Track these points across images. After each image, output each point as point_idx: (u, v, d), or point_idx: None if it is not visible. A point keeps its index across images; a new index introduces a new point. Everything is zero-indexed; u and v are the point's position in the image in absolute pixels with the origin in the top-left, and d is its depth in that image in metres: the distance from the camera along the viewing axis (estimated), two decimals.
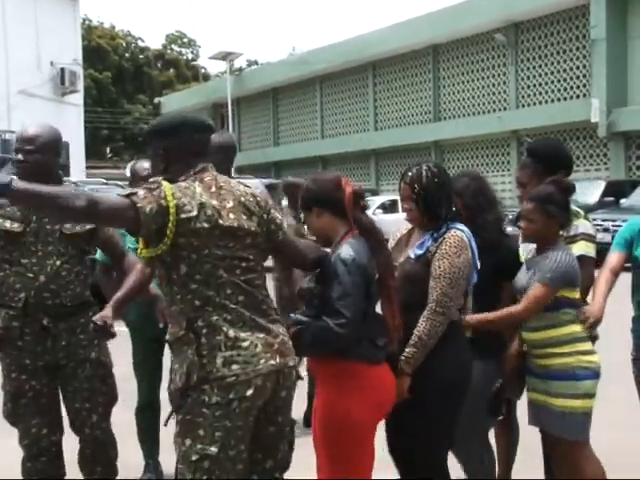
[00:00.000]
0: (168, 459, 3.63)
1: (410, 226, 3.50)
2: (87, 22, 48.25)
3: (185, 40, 58.85)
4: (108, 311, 3.46)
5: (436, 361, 3.18)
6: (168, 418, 2.75)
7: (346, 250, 2.96)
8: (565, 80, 23.28)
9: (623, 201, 15.10)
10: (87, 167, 29.14)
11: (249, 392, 2.64)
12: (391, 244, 3.43)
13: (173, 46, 58.69)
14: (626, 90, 21.28)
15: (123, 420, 4.13)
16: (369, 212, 3.37)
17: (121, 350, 4.16)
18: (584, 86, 22.57)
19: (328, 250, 3.09)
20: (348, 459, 3.01)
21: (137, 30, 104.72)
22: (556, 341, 3.53)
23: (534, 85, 24.22)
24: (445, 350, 3.22)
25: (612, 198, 15.49)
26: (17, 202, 2.75)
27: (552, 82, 23.63)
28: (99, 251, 3.88)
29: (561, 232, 3.65)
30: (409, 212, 3.39)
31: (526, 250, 3.75)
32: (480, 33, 25.20)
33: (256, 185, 3.53)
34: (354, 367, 2.98)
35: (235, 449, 2.66)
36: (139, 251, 2.73)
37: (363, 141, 29.69)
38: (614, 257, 3.84)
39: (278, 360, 2.71)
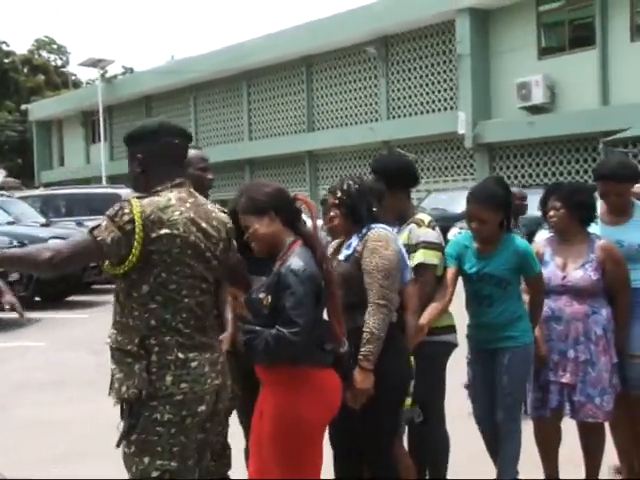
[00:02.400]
0: None
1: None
2: None
3: (55, 46, 57.08)
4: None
5: (378, 364, 3.29)
6: (120, 440, 2.78)
7: (296, 261, 3.04)
8: (433, 93, 24.03)
9: None
10: None
11: (201, 408, 2.76)
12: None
13: (42, 51, 56.79)
14: (490, 104, 22.18)
15: None
16: None
17: None
18: (451, 99, 23.37)
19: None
20: (300, 460, 3.09)
21: (1, 34, 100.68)
22: None
23: (404, 97, 24.89)
24: (386, 353, 3.33)
25: None
26: (6, 267, 2.97)
27: (421, 94, 24.35)
28: None
29: (404, 241, 3.84)
30: (333, 219, 3.56)
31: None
32: (352, 45, 25.65)
33: (128, 195, 3.46)
34: (304, 371, 3.08)
35: (191, 459, 2.78)
36: (104, 267, 2.79)
37: (238, 151, 29.65)
38: (449, 272, 4.03)
39: (220, 379, 2.85)
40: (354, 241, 3.49)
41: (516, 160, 21.95)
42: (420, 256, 3.85)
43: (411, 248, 3.84)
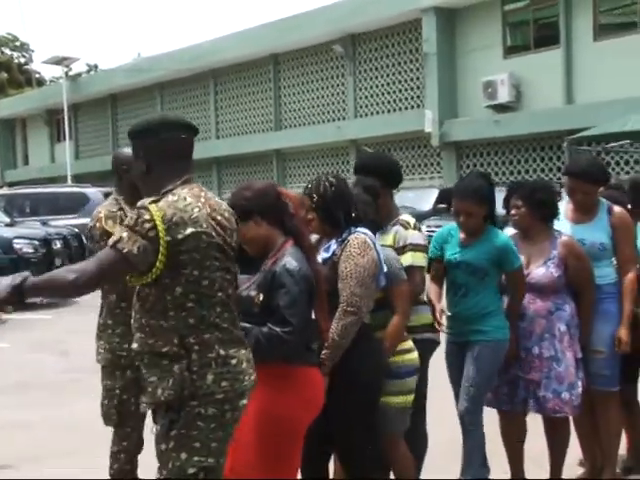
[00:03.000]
0: None
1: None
2: None
3: (17, 43, 56.36)
4: None
5: (351, 361, 3.29)
6: (166, 431, 2.71)
7: (291, 261, 3.05)
8: (400, 91, 24.12)
9: None
10: None
11: (242, 402, 2.76)
12: None
13: (4, 49, 56.06)
14: (456, 102, 22.32)
15: None
16: None
17: None
18: (418, 97, 23.47)
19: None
20: (281, 457, 3.11)
21: None
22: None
23: (371, 95, 24.95)
24: (358, 352, 3.33)
25: (445, 205, 16.16)
26: (33, 297, 2.75)
27: (388, 93, 24.43)
28: None
29: (390, 243, 3.88)
30: (310, 222, 3.52)
31: None
32: (319, 44, 25.66)
33: (95, 194, 3.45)
34: (291, 370, 3.10)
35: (224, 456, 2.76)
36: (130, 280, 2.71)
37: (205, 149, 29.49)
38: (435, 265, 4.18)
39: (254, 375, 2.82)
40: (333, 245, 3.47)
41: (482, 158, 22.11)
42: (409, 259, 3.89)
43: (398, 250, 3.88)
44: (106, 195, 17.41)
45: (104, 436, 5.48)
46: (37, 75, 54.20)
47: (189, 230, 2.62)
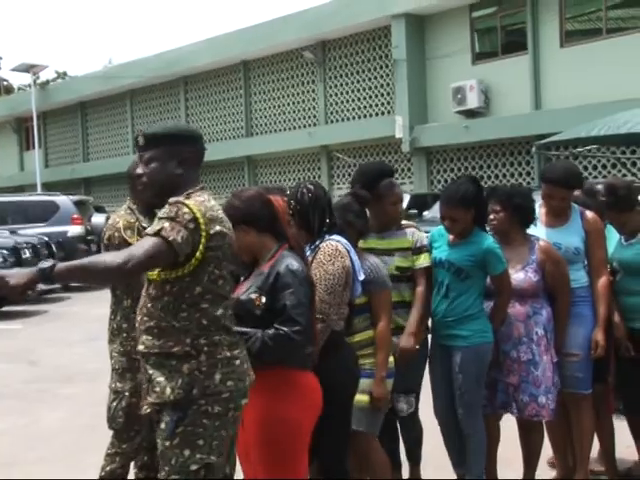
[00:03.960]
0: None
1: None
2: None
3: None
4: None
5: (324, 370, 3.30)
6: (173, 428, 2.74)
7: (292, 262, 3.08)
8: (371, 97, 24.21)
9: (426, 213, 15.89)
10: None
11: (244, 401, 2.85)
12: None
13: None
14: (426, 108, 22.45)
15: None
16: None
17: None
18: (388, 103, 23.57)
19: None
20: (289, 463, 3.11)
21: None
22: (360, 345, 3.75)
23: (342, 102, 25.01)
24: (329, 360, 3.35)
25: (415, 210, 16.24)
26: (63, 282, 2.80)
27: (359, 99, 24.50)
28: None
29: (409, 245, 4.10)
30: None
31: None
32: (290, 50, 25.70)
33: (65, 202, 3.42)
34: (291, 374, 3.13)
35: (224, 455, 2.81)
36: (154, 274, 2.75)
37: None
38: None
39: (253, 376, 2.92)
40: (306, 252, 3.48)
41: (452, 163, 22.25)
42: (427, 259, 4.16)
43: (415, 251, 4.15)
44: (76, 203, 17.33)
45: (73, 446, 5.47)
46: (5, 83, 53.68)
47: (217, 227, 2.75)
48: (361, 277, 3.57)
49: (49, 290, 14.00)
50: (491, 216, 4.25)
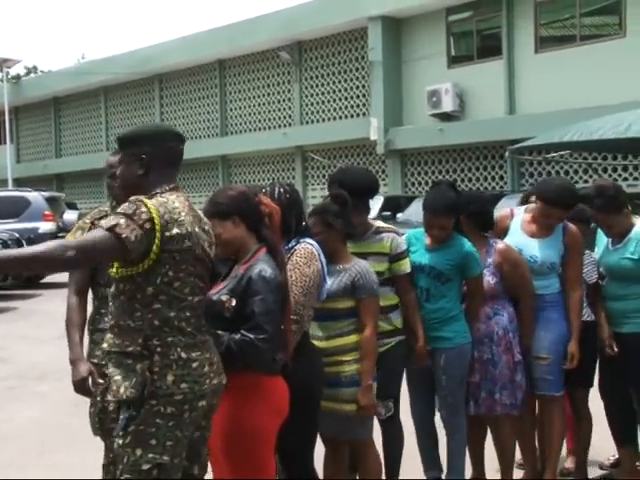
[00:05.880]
0: None
1: None
2: None
3: None
4: None
5: (292, 370, 3.30)
6: (125, 426, 2.75)
7: (266, 268, 3.06)
8: (346, 99, 24.25)
9: (399, 215, 15.97)
10: None
11: (201, 403, 2.81)
12: None
13: None
14: (401, 110, 22.54)
15: None
16: None
17: None
18: (363, 105, 23.63)
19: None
20: (255, 466, 3.10)
21: None
22: (342, 350, 3.76)
23: (317, 103, 25.04)
24: (297, 360, 3.33)
25: (389, 212, 16.31)
26: (6, 271, 2.67)
27: (334, 100, 24.54)
28: None
29: (385, 250, 4.03)
30: None
31: None
32: (266, 50, 25.68)
33: (36, 198, 3.37)
34: (257, 379, 3.12)
35: (179, 457, 2.78)
36: (113, 271, 2.75)
37: None
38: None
39: (217, 379, 2.89)
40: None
41: (427, 166, 22.36)
42: (408, 264, 4.12)
43: (395, 257, 4.07)
44: (47, 200, 17.18)
45: (42, 445, 5.41)
46: None
47: (175, 230, 2.72)
48: (327, 282, 3.59)
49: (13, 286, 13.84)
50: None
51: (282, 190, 3.57)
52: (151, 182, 2.84)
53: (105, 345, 2.87)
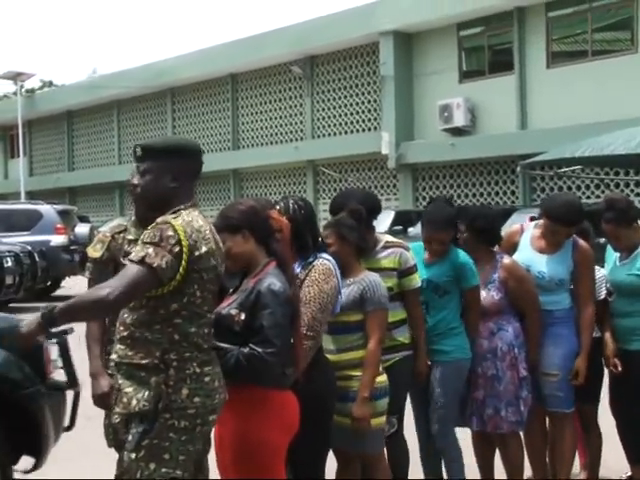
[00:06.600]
0: None
1: None
2: None
3: None
4: None
5: (304, 385, 3.28)
6: (139, 441, 2.75)
7: (275, 282, 3.04)
8: (358, 113, 24.32)
9: (411, 230, 15.94)
10: None
11: (212, 417, 2.83)
12: None
13: None
14: (413, 125, 22.57)
15: None
16: None
17: None
18: (375, 119, 23.68)
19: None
20: (264, 478, 3.08)
21: None
22: (352, 364, 3.76)
23: (329, 117, 25.11)
24: (312, 372, 3.34)
25: (400, 227, 16.29)
26: (62, 324, 2.78)
27: (346, 114, 24.60)
28: None
29: (394, 265, 4.01)
30: None
31: None
32: (278, 64, 25.79)
33: (48, 211, 3.39)
34: (267, 393, 3.09)
35: (189, 471, 2.79)
36: None
37: None
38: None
39: (224, 395, 2.90)
40: (297, 268, 3.45)
41: (438, 181, 22.35)
42: (417, 279, 4.09)
43: (404, 272, 4.04)
44: (60, 213, 17.24)
45: (55, 456, 5.39)
46: None
47: (204, 249, 2.74)
48: (342, 299, 3.60)
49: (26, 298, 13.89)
50: (457, 235, 4.32)
51: (297, 206, 3.55)
52: (179, 196, 2.83)
53: (114, 356, 2.85)
